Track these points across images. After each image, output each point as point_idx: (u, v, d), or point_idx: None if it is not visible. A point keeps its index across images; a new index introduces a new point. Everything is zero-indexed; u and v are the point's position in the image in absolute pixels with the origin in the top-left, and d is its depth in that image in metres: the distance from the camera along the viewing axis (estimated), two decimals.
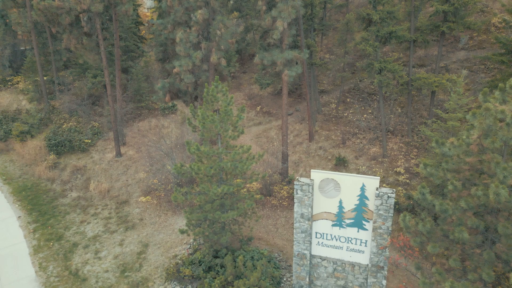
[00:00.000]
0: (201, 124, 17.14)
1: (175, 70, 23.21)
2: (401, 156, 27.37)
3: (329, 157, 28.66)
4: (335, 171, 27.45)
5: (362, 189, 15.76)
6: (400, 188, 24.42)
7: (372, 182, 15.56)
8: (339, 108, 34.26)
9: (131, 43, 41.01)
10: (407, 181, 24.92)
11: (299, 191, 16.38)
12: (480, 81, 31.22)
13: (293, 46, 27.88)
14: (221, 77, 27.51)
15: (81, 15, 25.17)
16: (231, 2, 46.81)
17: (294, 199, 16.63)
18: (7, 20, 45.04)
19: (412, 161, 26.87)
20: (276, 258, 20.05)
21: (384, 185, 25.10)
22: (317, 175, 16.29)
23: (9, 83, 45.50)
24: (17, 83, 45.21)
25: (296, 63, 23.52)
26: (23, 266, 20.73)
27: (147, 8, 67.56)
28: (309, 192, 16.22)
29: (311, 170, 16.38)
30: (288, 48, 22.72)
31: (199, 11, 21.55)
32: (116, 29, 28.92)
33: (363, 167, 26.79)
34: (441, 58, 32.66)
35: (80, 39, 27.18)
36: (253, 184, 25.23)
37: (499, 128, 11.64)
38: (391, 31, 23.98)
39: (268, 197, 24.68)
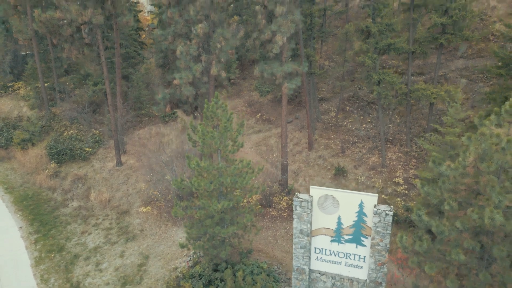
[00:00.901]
0: (201, 140, 17.32)
1: (175, 82, 23.40)
2: (400, 166, 27.55)
3: (329, 167, 28.83)
4: (334, 181, 27.64)
5: (361, 206, 15.93)
6: (398, 199, 24.59)
7: (370, 199, 15.73)
8: (339, 117, 34.43)
9: (131, 50, 41.19)
10: (406, 192, 25.09)
11: (298, 207, 16.55)
12: (479, 90, 31.40)
13: (293, 55, 28.07)
14: (221, 86, 27.68)
15: (82, 26, 25.34)
16: (232, 6, 46.96)
17: (293, 215, 16.81)
18: (8, 26, 45.29)
19: (410, 171, 27.04)
20: (276, 271, 20.23)
21: (383, 195, 25.27)
22: (316, 191, 16.46)
23: (10, 89, 45.72)
24: (18, 89, 45.41)
25: (297, 74, 23.67)
26: (25, 278, 20.89)
27: (148, 12, 67.72)
28: (308, 208, 16.40)
29: (310, 186, 16.55)
30: (287, 60, 22.90)
31: (199, 25, 21.73)
32: (117, 39, 29.10)
33: (362, 177, 26.96)
34: (440, 66, 32.82)
35: (81, 49, 27.37)
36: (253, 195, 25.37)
37: (495, 152, 11.82)
38: (389, 43, 24.15)
39: (267, 208, 24.85)
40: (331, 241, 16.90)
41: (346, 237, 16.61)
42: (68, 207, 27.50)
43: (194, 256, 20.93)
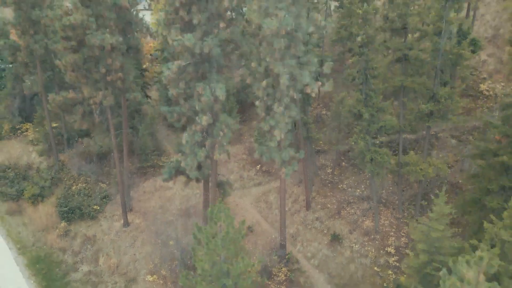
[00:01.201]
0: (205, 246, 18.98)
1: (182, 165, 25.07)
2: (392, 233, 29.19)
3: (325, 231, 30.45)
4: (330, 247, 29.27)
5: None
6: (390, 271, 26.25)
7: None
8: (335, 173, 36.06)
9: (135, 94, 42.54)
10: (397, 264, 26.72)
11: None
12: (468, 152, 33.05)
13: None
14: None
15: (93, 106, 27.04)
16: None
17: None
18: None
19: (402, 239, 28.68)
20: None
21: (375, 267, 26.87)
22: None
23: (19, 131, 47.19)
24: (26, 131, 46.84)
25: (295, 157, 25.29)
26: None
27: (149, 35, 69.05)
28: None
29: None
30: (285, 146, 24.56)
31: (204, 117, 23.38)
32: (125, 109, 30.76)
33: (357, 245, 28.59)
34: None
35: (91, 122, 29.09)
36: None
37: None
38: (381, 126, 25.83)
39: (266, 281, 26.47)
40: None
41: None
42: (78, 271, 29.14)
43: None
